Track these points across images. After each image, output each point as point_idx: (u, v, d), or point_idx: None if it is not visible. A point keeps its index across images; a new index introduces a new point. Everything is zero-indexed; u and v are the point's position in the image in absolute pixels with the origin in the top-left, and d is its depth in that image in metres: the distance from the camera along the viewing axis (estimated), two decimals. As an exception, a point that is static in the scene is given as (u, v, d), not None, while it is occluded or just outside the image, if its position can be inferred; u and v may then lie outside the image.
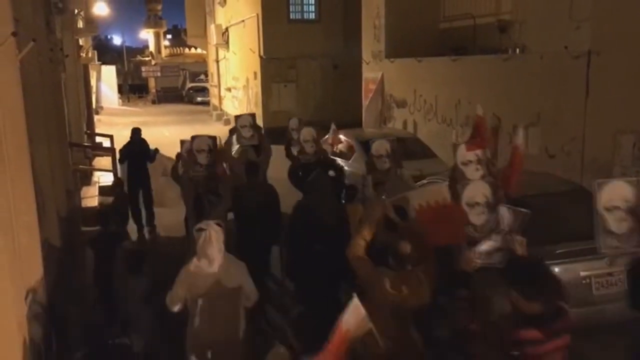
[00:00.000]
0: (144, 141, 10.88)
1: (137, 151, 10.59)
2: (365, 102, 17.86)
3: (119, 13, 53.31)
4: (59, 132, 9.89)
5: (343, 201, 6.77)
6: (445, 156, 11.86)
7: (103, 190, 11.99)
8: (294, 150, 8.83)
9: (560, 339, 3.28)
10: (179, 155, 8.28)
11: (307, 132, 8.43)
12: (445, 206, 5.01)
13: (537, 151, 10.62)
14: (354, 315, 3.10)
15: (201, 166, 7.28)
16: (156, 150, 10.95)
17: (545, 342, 3.22)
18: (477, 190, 4.79)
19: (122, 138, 16.56)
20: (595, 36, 9.32)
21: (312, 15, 24.22)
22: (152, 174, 10.89)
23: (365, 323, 3.14)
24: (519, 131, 6.29)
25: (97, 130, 23.42)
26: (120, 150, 10.94)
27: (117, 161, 10.83)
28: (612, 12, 9.00)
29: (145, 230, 10.48)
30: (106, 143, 18.82)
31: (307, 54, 23.48)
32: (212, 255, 4.34)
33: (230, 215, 6.96)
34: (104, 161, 16.31)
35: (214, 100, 36.33)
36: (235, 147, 9.01)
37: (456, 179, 5.33)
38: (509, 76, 11.37)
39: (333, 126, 10.37)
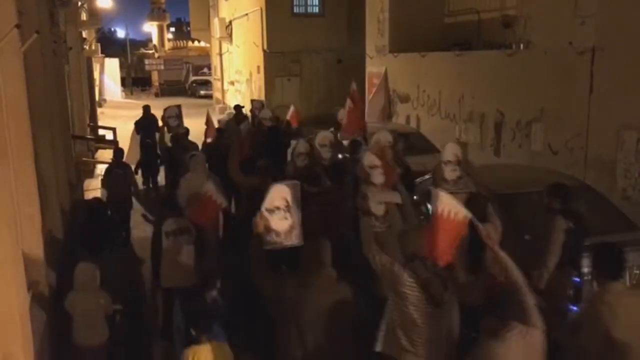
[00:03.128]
0: (153, 116, 13.23)
1: (148, 123, 12.88)
2: (368, 97, 17.82)
3: (123, 6, 53.17)
4: (62, 124, 9.90)
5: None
6: (448, 151, 11.84)
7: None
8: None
9: None
10: (163, 118, 10.68)
11: (265, 112, 11.66)
12: None
13: (540, 147, 10.59)
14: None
15: (171, 127, 10.28)
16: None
17: None
18: (324, 136, 7.63)
19: (125, 131, 16.70)
20: (600, 32, 9.28)
21: (316, 9, 24.16)
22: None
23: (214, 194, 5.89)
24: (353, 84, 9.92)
25: (100, 123, 23.45)
26: (135, 123, 13.39)
27: (134, 132, 13.33)
28: (616, 7, 8.96)
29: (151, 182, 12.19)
30: (109, 136, 18.87)
31: (310, 48, 23.43)
32: (200, 171, 6.95)
33: None
34: (107, 154, 16.31)
35: (217, 94, 36.34)
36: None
37: None
38: (513, 71, 11.34)
39: (292, 107, 12.61)
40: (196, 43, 52.91)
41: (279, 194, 4.62)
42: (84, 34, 22.08)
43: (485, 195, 5.43)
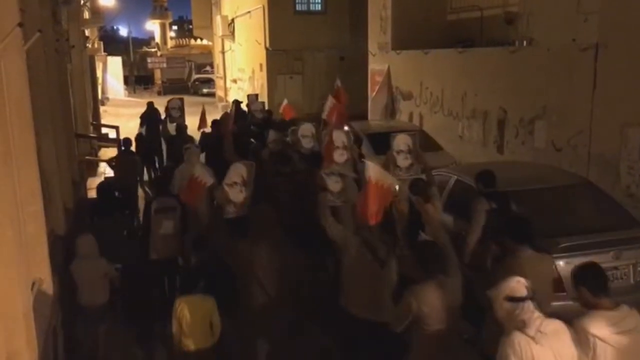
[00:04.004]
0: (157, 110, 14.27)
1: (151, 117, 13.89)
2: (371, 95, 17.81)
3: (125, 4, 53.11)
4: (65, 123, 9.90)
5: None
6: (451, 149, 11.82)
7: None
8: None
9: None
10: (166, 109, 12.29)
11: (257, 105, 13.59)
12: None
13: (543, 144, 10.58)
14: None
15: (173, 118, 11.83)
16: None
17: None
18: (306, 127, 8.31)
19: (128, 129, 16.82)
20: (603, 29, 9.25)
21: (319, 7, 24.13)
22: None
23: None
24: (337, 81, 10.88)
25: (103, 122, 23.44)
26: (141, 117, 14.40)
27: (139, 125, 14.43)
28: (620, 4, 8.93)
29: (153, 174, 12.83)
30: (112, 134, 18.87)
31: (313, 46, 23.40)
32: (193, 162, 7.21)
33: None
34: (110, 152, 16.32)
35: (220, 92, 36.33)
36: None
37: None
38: (515, 69, 11.32)
39: (285, 101, 13.63)
40: (198, 41, 52.87)
41: (236, 172, 5.58)
42: (87, 32, 22.07)
43: (429, 179, 6.30)
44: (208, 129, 12.21)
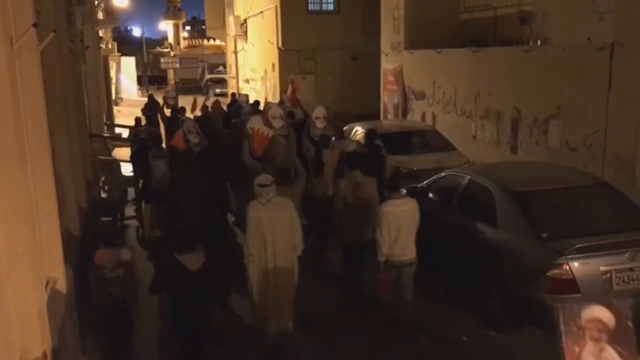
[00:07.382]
0: (156, 100, 16.60)
1: (152, 106, 16.01)
2: (383, 94, 17.76)
3: (139, 4, 53.36)
4: (79, 122, 9.98)
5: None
6: (464, 149, 11.76)
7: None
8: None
9: None
10: (164, 98, 15.51)
11: (242, 97, 16.34)
12: None
13: (557, 144, 10.49)
14: None
15: (169, 104, 14.92)
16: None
17: None
18: (275, 109, 9.37)
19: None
20: (620, 27, 9.15)
21: (331, 7, 24.10)
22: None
23: None
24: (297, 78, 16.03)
25: (117, 121, 23.60)
26: (142, 109, 16.84)
27: (141, 112, 16.76)
28: (636, 2, 8.84)
29: None
30: (125, 134, 18.99)
31: (325, 46, 23.38)
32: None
33: None
34: (124, 152, 16.43)
35: (232, 92, 36.41)
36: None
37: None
38: (529, 68, 11.23)
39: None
40: (211, 41, 53.08)
41: (191, 124, 9.44)
42: (101, 33, 22.24)
43: (332, 134, 9.39)
44: (198, 113, 15.21)
